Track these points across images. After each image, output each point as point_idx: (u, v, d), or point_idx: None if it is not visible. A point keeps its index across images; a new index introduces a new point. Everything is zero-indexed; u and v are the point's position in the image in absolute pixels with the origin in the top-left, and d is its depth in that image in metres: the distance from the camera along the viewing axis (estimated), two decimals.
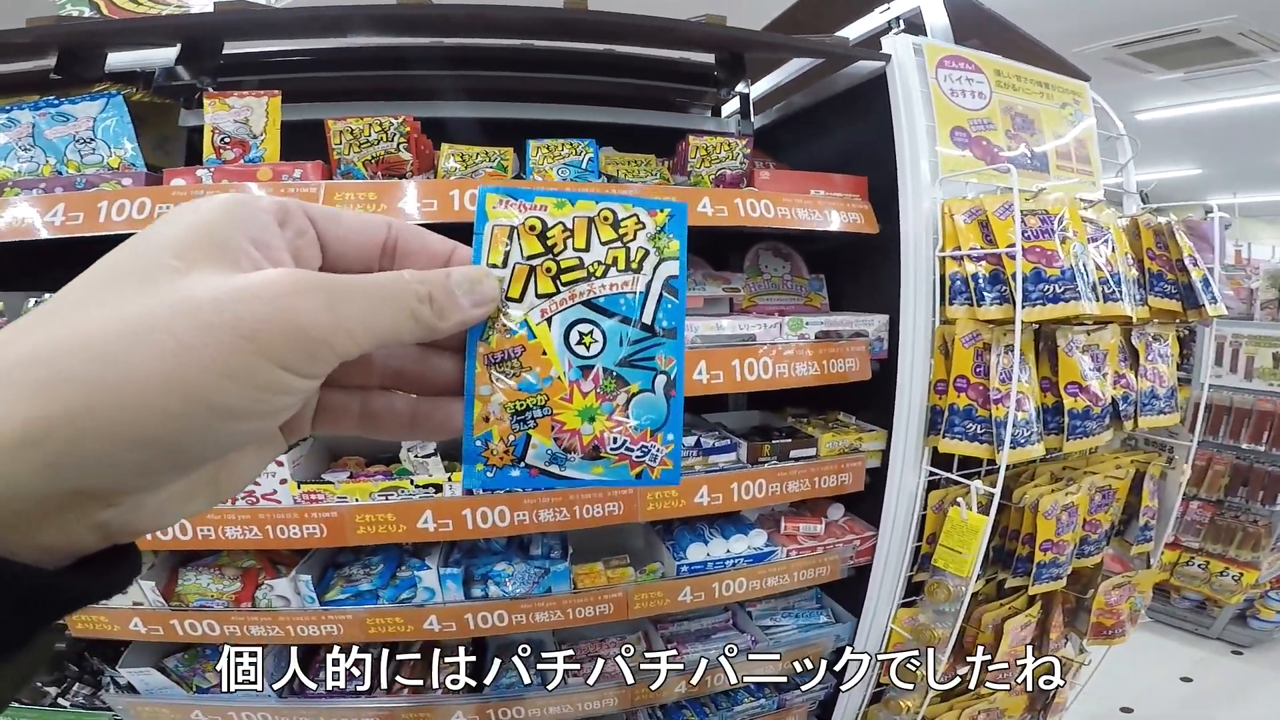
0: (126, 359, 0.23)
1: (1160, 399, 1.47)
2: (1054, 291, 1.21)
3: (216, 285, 0.25)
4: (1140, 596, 1.72)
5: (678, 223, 0.38)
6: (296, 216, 0.31)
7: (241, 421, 0.26)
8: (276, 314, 0.25)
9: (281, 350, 0.26)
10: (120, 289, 0.25)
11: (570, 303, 0.37)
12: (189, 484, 0.28)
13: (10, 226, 1.03)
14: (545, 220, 0.37)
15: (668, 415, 0.37)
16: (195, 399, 0.24)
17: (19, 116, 1.05)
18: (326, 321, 0.27)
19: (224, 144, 1.08)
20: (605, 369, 0.37)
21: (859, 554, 1.45)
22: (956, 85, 1.37)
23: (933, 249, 1.29)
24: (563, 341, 0.36)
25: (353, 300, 0.28)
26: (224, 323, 0.24)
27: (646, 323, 0.37)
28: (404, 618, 1.23)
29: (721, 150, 1.31)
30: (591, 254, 0.37)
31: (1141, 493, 1.58)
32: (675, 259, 0.38)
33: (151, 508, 0.27)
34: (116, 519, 0.25)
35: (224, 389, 0.24)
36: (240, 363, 0.25)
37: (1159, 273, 1.45)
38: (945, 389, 1.26)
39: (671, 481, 0.38)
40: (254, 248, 0.28)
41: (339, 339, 0.28)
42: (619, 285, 0.37)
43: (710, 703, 1.56)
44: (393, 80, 1.59)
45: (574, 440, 0.36)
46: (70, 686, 1.37)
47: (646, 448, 0.37)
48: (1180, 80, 4.78)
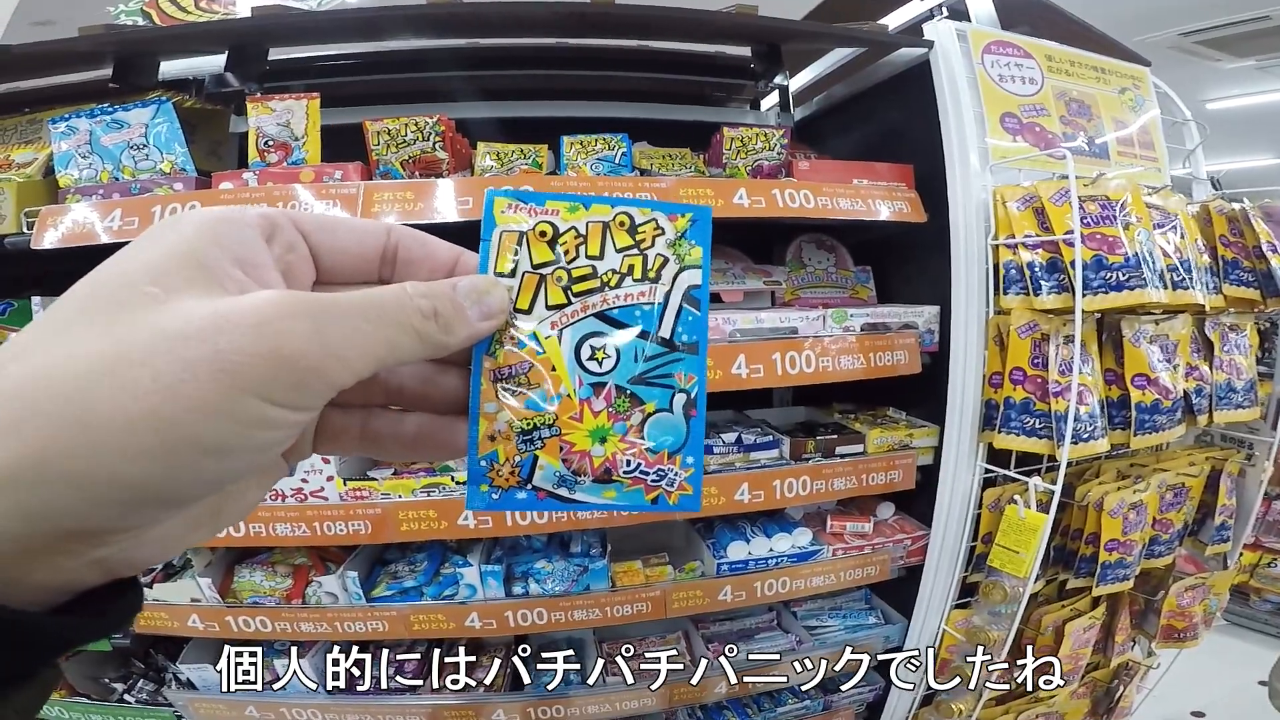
0: (101, 397, 0.21)
1: (1238, 392, 1.38)
2: (1117, 279, 1.14)
3: (196, 314, 0.23)
4: (1216, 599, 1.62)
5: (701, 228, 0.35)
6: (285, 230, 0.29)
7: (229, 459, 0.24)
8: (260, 344, 0.24)
9: (266, 383, 0.24)
10: (95, 320, 0.23)
11: (582, 315, 0.34)
12: (190, 516, 0.27)
13: (73, 232, 1.07)
14: (557, 225, 0.34)
15: (687, 437, 0.35)
16: (176, 438, 0.22)
17: (77, 124, 1.10)
18: (315, 349, 0.25)
19: (268, 147, 1.10)
20: (618, 387, 0.34)
21: (910, 554, 1.40)
22: (1005, 71, 1.32)
23: (985, 237, 1.23)
24: (573, 357, 0.34)
25: (346, 323, 0.26)
26: (203, 356, 0.23)
27: (665, 336, 0.34)
28: (446, 615, 1.25)
29: (758, 141, 1.28)
30: (606, 262, 0.34)
31: (1218, 491, 1.48)
32: (698, 267, 0.35)
33: (152, 541, 0.26)
34: (115, 555, 0.24)
35: (207, 427, 0.23)
36: (222, 399, 0.23)
37: (1234, 260, 1.36)
38: (1000, 382, 1.20)
39: (691, 508, 0.35)
40: (239, 268, 0.26)
41: (331, 367, 0.26)
42: (635, 296, 0.34)
43: (752, 703, 1.53)
44: (430, 82, 1.60)
45: (584, 462, 0.34)
46: (135, 683, 1.42)
47: (663, 471, 0.35)
48: (1253, 68, 4.47)
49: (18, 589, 0.22)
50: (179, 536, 0.27)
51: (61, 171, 1.12)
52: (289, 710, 1.33)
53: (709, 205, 0.36)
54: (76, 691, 1.41)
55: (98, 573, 0.24)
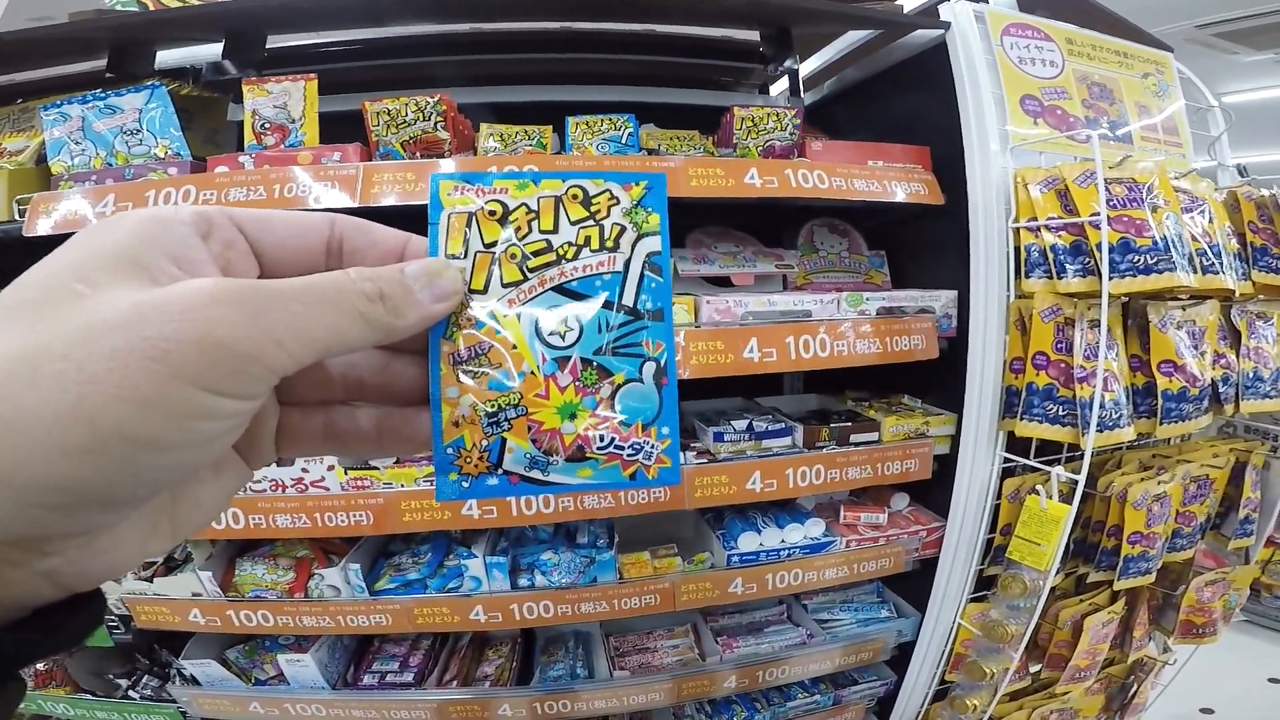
0: (24, 394, 0.20)
1: (1265, 381, 1.34)
2: (1145, 262, 1.10)
3: (124, 304, 0.22)
4: (1236, 594, 1.59)
5: (656, 195, 0.35)
6: (222, 226, 0.28)
7: (167, 452, 0.23)
8: (191, 330, 0.22)
9: (200, 370, 0.23)
10: (18, 321, 0.22)
11: (540, 289, 0.33)
12: (143, 522, 0.26)
13: (66, 219, 1.04)
14: (506, 203, 0.33)
15: (660, 406, 0.34)
16: (107, 432, 0.21)
17: (69, 111, 1.07)
18: (251, 334, 0.24)
19: (264, 129, 1.07)
20: (584, 359, 0.33)
21: (925, 545, 1.37)
22: (1025, 53, 1.29)
23: (1005, 220, 1.20)
24: (534, 333, 0.33)
25: (282, 306, 0.25)
26: (132, 344, 0.21)
27: (629, 305, 0.34)
28: (450, 608, 1.22)
29: (769, 121, 1.24)
30: (560, 235, 0.34)
31: (1243, 484, 1.44)
32: (656, 233, 0.34)
33: (103, 551, 0.24)
34: (65, 567, 0.23)
35: (139, 418, 0.22)
36: (154, 388, 0.22)
37: (1263, 246, 1.32)
38: (1022, 367, 1.16)
39: (671, 481, 0.34)
40: (173, 264, 0.25)
41: (269, 352, 0.24)
42: (594, 266, 0.34)
43: (761, 698, 1.51)
44: (432, 68, 1.57)
45: (554, 441, 0.33)
46: (140, 679, 1.41)
47: (639, 444, 0.33)
48: (1272, 62, 4.40)
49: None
50: (135, 545, 0.26)
51: (54, 158, 1.11)
52: (293, 706, 1.31)
53: (663, 173, 0.36)
54: (81, 688, 1.40)
55: (49, 586, 0.24)
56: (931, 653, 1.40)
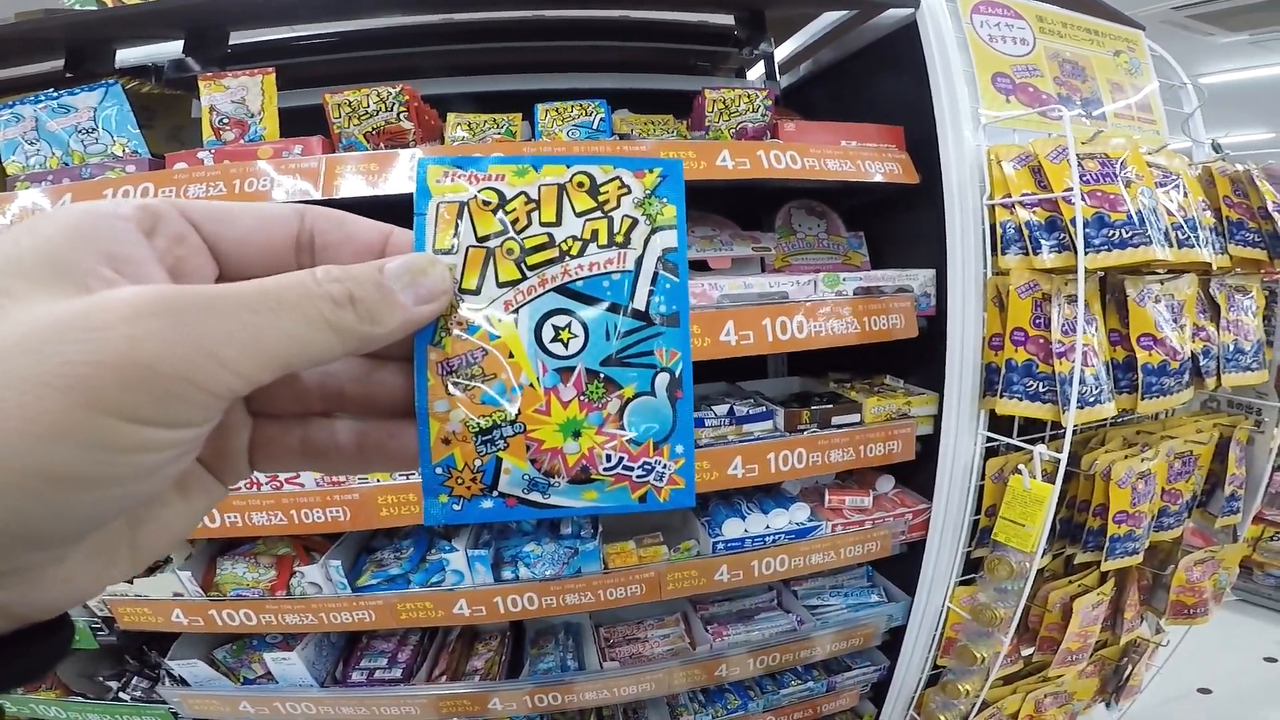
0: None
1: (1246, 354, 1.33)
2: (1120, 236, 1.09)
3: (41, 322, 0.19)
4: (1226, 573, 1.58)
5: (672, 184, 0.31)
6: (170, 221, 0.25)
7: (99, 489, 0.20)
8: (108, 350, 0.19)
9: (120, 397, 0.19)
10: None
11: (540, 290, 0.30)
12: (96, 552, 0.24)
13: (23, 219, 1.02)
14: (503, 192, 0.30)
15: (675, 422, 0.30)
16: (20, 472, 0.19)
17: (22, 111, 1.06)
18: (183, 351, 0.20)
19: (223, 125, 1.06)
20: (589, 370, 0.30)
21: (911, 529, 1.36)
22: (995, 31, 1.29)
23: (980, 198, 1.19)
24: (533, 339, 0.29)
25: (227, 316, 0.22)
26: (44, 371, 0.19)
27: (640, 309, 0.30)
28: (434, 602, 1.21)
29: (741, 102, 1.22)
30: (564, 228, 0.30)
31: (1227, 459, 1.43)
32: (672, 227, 0.30)
33: (54, 583, 0.22)
34: (15, 600, 0.21)
35: (53, 454, 0.19)
36: (69, 420, 0.19)
37: (1239, 220, 1.31)
38: (1001, 344, 1.15)
39: (685, 503, 0.31)
40: (108, 266, 0.22)
41: (207, 372, 0.21)
42: (602, 264, 0.30)
43: (755, 685, 1.50)
44: (402, 59, 1.55)
45: (556, 462, 0.29)
46: (130, 680, 1.40)
47: (650, 464, 0.30)
48: (1246, 43, 4.42)
49: None
50: (91, 575, 0.24)
51: (9, 159, 1.09)
52: (283, 704, 1.30)
53: (679, 158, 0.32)
54: (72, 691, 1.40)
55: (1, 618, 0.22)
56: (922, 637, 1.39)
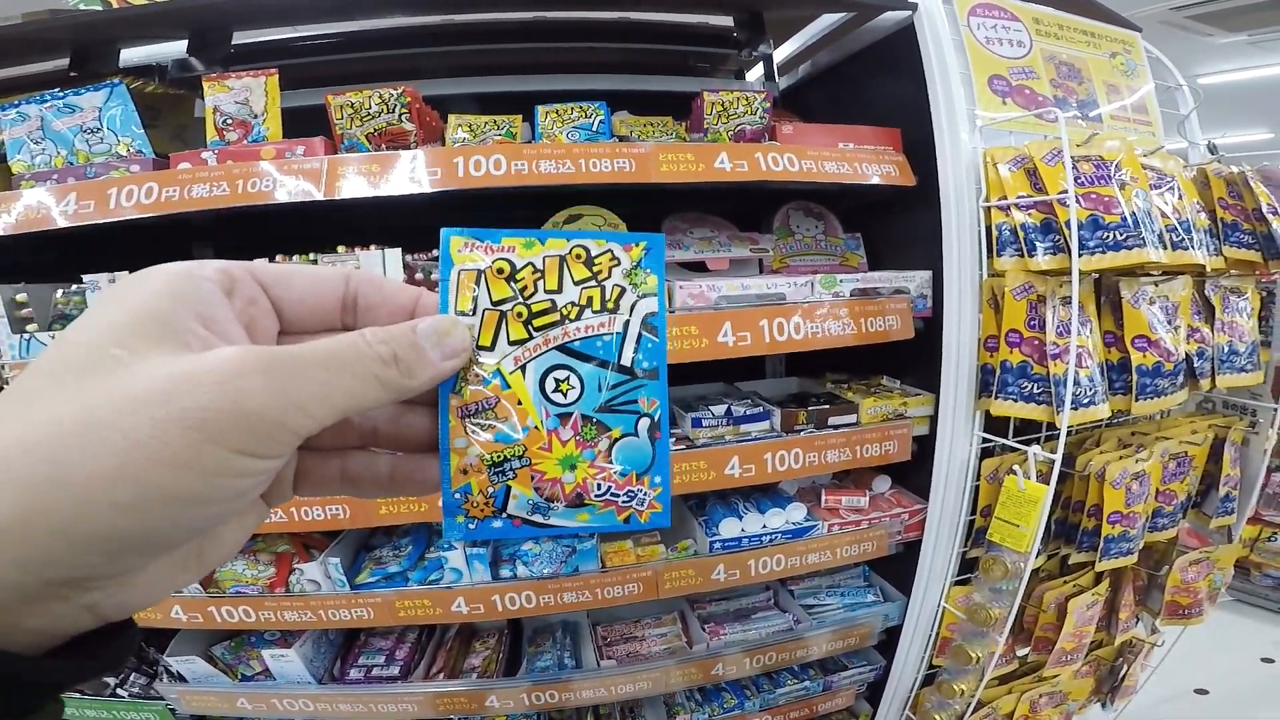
0: (77, 458, 0.23)
1: (1240, 355, 1.34)
2: (1115, 239, 1.10)
3: (162, 374, 0.25)
4: (1220, 574, 1.58)
5: (654, 256, 0.36)
6: (244, 284, 0.30)
7: (204, 506, 0.26)
8: (223, 400, 0.25)
9: (232, 436, 0.25)
10: (64, 385, 0.25)
11: (544, 348, 0.35)
12: (174, 560, 0.28)
13: (28, 217, 1.04)
14: (514, 262, 0.35)
15: (653, 458, 0.36)
16: (150, 491, 0.24)
17: (27, 110, 1.07)
18: (277, 403, 0.26)
19: (226, 125, 1.06)
20: (584, 416, 0.36)
21: (907, 528, 1.37)
22: (992, 34, 1.29)
23: (976, 199, 1.19)
24: (538, 389, 0.35)
25: (305, 375, 0.28)
26: (171, 415, 0.24)
27: (625, 365, 0.36)
28: (432, 600, 1.22)
29: (739, 105, 1.23)
30: (564, 295, 0.36)
31: (1222, 460, 1.44)
32: (653, 295, 0.36)
33: (140, 586, 0.27)
34: (106, 600, 0.26)
35: (179, 479, 0.24)
36: (192, 452, 0.24)
37: (1234, 222, 1.32)
38: (996, 345, 1.16)
39: (662, 524, 0.37)
40: (201, 325, 0.28)
41: (293, 418, 0.27)
42: (595, 327, 0.36)
43: (751, 684, 1.51)
44: (403, 60, 1.56)
45: (556, 489, 0.35)
46: (128, 676, 1.40)
47: (633, 492, 0.36)
48: (1245, 43, 4.43)
49: (15, 634, 0.24)
50: (165, 580, 0.28)
51: (14, 158, 1.10)
52: (280, 701, 1.31)
53: (661, 234, 0.37)
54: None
55: (90, 617, 0.26)
56: (918, 637, 1.40)
